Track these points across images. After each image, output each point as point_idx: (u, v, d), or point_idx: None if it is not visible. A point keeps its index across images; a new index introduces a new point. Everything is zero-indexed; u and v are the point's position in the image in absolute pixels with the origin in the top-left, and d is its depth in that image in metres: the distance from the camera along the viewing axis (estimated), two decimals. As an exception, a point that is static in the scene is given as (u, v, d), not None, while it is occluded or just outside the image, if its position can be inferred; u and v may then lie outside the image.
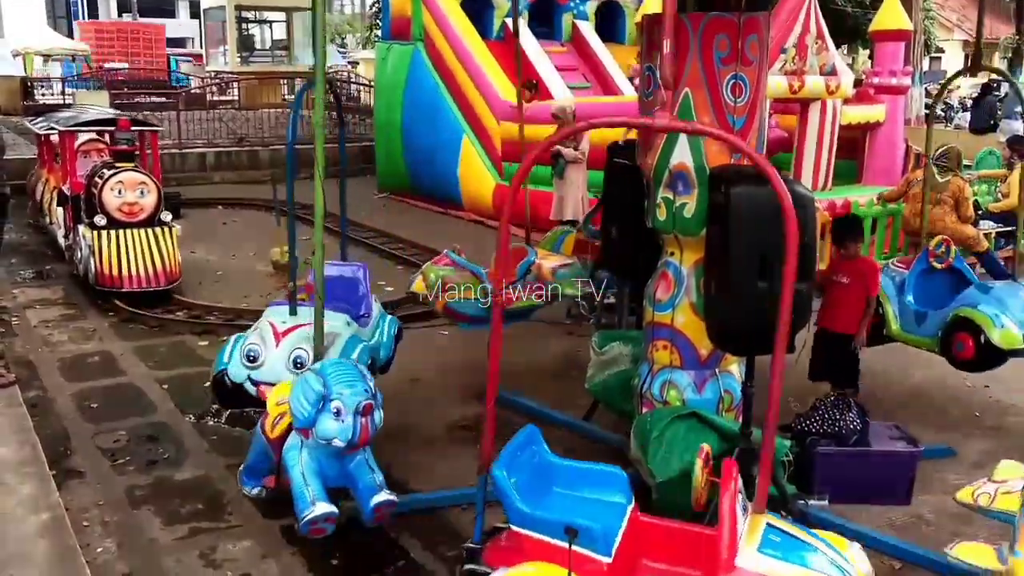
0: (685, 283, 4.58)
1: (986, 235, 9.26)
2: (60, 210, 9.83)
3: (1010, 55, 34.38)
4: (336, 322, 4.94)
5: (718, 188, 4.03)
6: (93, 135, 10.02)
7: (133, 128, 9.35)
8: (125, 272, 8.37)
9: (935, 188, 8.97)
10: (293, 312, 4.94)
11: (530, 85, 12.61)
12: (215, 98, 23.12)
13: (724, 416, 4.56)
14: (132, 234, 8.52)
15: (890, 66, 11.67)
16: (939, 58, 40.93)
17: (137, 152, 9.21)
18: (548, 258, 6.57)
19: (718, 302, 4.06)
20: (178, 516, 4.65)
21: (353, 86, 24.87)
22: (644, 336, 4.88)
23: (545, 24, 14.73)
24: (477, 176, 12.77)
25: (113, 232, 8.46)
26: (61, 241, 9.90)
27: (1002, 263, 9.33)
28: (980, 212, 9.53)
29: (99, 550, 4.30)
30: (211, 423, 5.78)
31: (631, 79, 13.63)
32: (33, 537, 4.00)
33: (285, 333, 4.82)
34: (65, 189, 9.52)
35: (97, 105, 17.04)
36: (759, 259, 3.84)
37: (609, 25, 15.56)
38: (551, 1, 14.74)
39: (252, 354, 4.77)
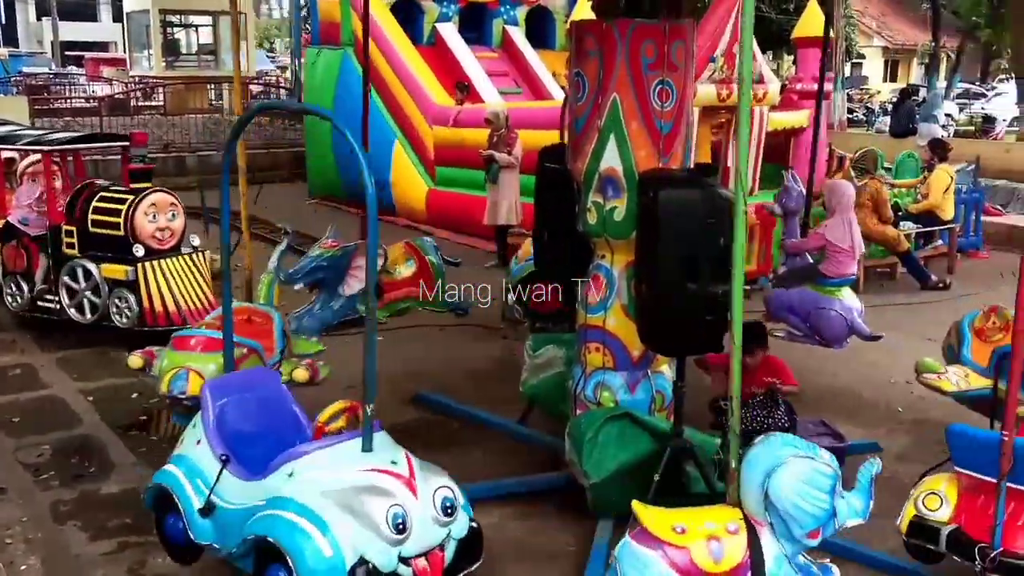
0: (616, 286, 4.64)
1: (906, 236, 9.56)
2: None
3: (927, 61, 35.57)
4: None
5: (646, 192, 4.11)
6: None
7: (107, 143, 8.52)
8: (182, 306, 7.31)
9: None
10: (368, 447, 3.53)
11: (461, 86, 12.64)
12: (140, 103, 22.66)
13: (656, 416, 4.64)
14: (174, 263, 7.44)
15: (813, 72, 11.94)
16: (860, 64, 42.09)
17: (153, 171, 8.04)
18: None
19: (649, 304, 4.13)
20: (105, 531, 4.55)
21: (283, 91, 24.63)
22: (577, 339, 4.93)
23: (476, 30, 14.78)
24: (409, 181, 12.75)
25: (156, 263, 7.32)
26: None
27: (922, 263, 9.65)
28: (900, 214, 9.83)
29: (23, 568, 4.19)
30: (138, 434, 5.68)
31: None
32: (-48, 556, 3.89)
33: (413, 474, 3.53)
34: (16, 220, 7.95)
35: (15, 112, 16.59)
36: (687, 261, 3.93)
37: (539, 31, 15.67)
38: (482, 6, 14.80)
39: (401, 521, 3.37)
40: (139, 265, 7.28)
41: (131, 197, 7.47)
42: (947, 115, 21.53)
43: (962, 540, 3.70)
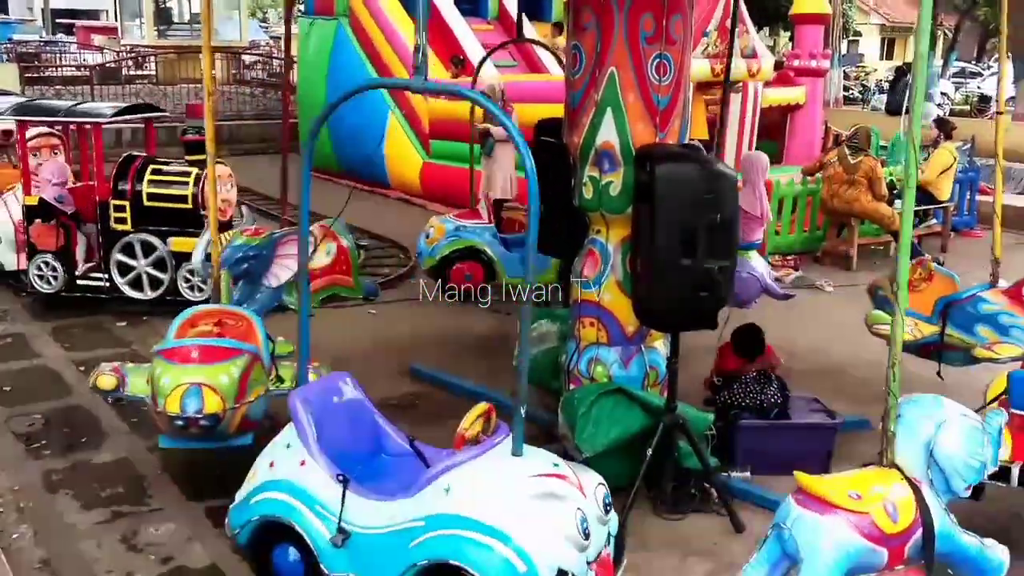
0: (611, 261, 4.64)
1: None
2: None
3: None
4: None
5: (643, 167, 4.09)
6: (44, 128, 8.10)
7: (140, 116, 8.12)
8: None
9: (848, 169, 9.24)
10: (519, 451, 3.29)
11: (456, 60, 12.54)
12: (131, 72, 22.47)
13: (649, 391, 4.65)
14: (238, 236, 7.41)
15: (810, 49, 11.94)
16: (856, 41, 41.92)
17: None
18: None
19: (644, 279, 4.12)
20: (97, 500, 4.54)
21: (275, 62, 24.40)
22: (571, 313, 4.93)
23: (471, 1, 14.65)
24: (404, 155, 12.68)
25: (226, 235, 7.28)
26: (23, 264, 7.65)
27: (916, 241, 9.65)
28: (895, 192, 9.81)
29: (15, 536, 4.19)
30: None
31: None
32: (-55, 525, 3.87)
33: (576, 475, 3.37)
34: (51, 197, 7.40)
35: (4, 80, 16.47)
36: (683, 236, 3.92)
37: (535, 2, 15.54)
38: (477, -23, 14.69)
39: (586, 525, 3.21)
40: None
41: (194, 170, 7.33)
42: (943, 94, 21.48)
43: None
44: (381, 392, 5.94)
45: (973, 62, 34.04)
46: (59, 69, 22.50)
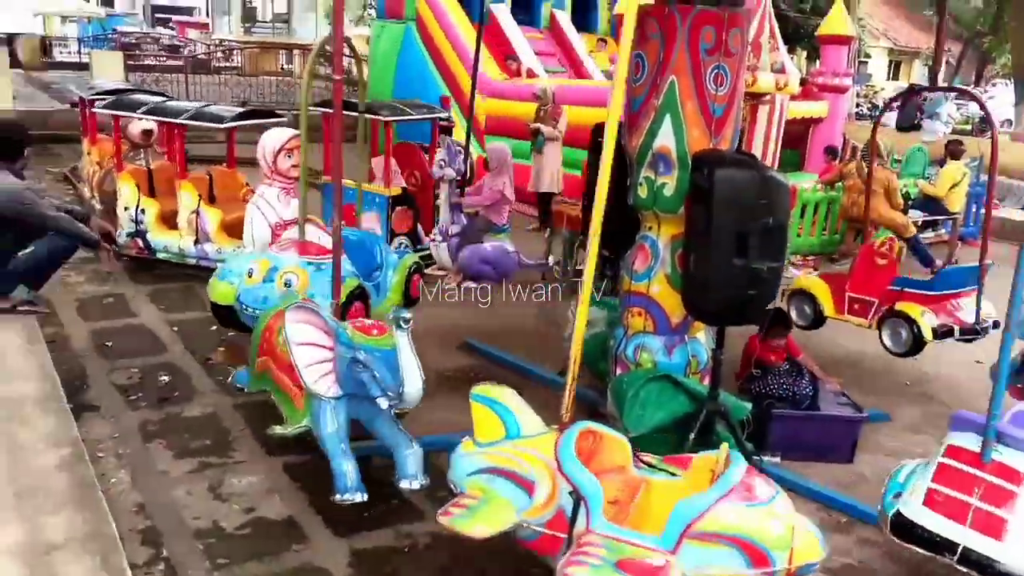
0: (661, 256, 4.43)
1: (914, 223, 9.25)
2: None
3: (930, 63, 34.48)
4: None
5: (701, 171, 3.88)
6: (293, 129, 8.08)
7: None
8: None
9: (866, 181, 8.92)
10: None
11: (511, 58, 12.37)
12: (220, 64, 22.47)
13: (691, 378, 4.46)
14: None
15: (834, 67, 11.59)
16: (865, 63, 41.00)
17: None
18: None
19: (697, 277, 3.92)
20: (187, 450, 4.44)
21: (344, 59, 24.35)
22: (620, 302, 4.74)
23: (525, 11, 14.42)
24: (461, 148, 12.50)
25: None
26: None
27: (927, 247, 9.35)
28: (910, 202, 9.51)
29: (113, 480, 4.09)
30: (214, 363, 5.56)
31: (605, 70, 13.39)
32: (53, 469, 3.77)
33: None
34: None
35: (111, 66, 16.47)
36: (737, 238, 3.72)
37: (583, 15, 15.28)
38: (531, -10, 14.45)
39: None
40: None
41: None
42: (948, 114, 20.86)
43: None
44: (439, 364, 5.80)
45: (971, 86, 33.12)
46: (158, 58, 22.56)
